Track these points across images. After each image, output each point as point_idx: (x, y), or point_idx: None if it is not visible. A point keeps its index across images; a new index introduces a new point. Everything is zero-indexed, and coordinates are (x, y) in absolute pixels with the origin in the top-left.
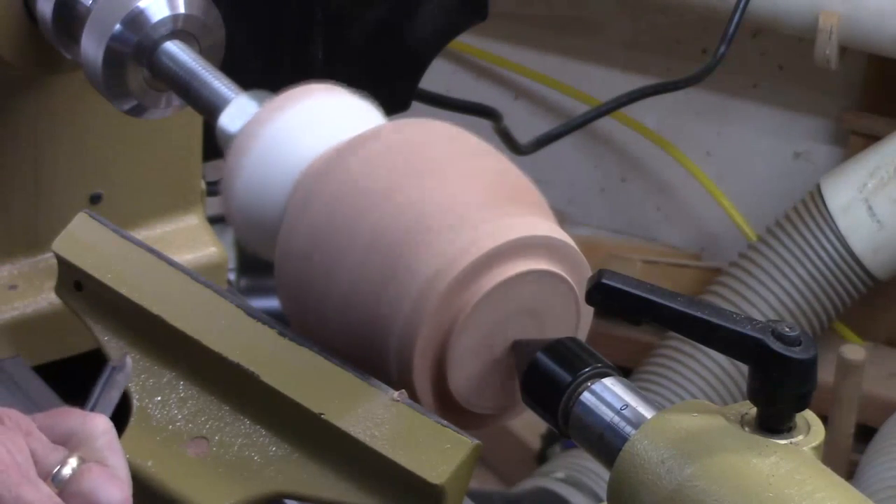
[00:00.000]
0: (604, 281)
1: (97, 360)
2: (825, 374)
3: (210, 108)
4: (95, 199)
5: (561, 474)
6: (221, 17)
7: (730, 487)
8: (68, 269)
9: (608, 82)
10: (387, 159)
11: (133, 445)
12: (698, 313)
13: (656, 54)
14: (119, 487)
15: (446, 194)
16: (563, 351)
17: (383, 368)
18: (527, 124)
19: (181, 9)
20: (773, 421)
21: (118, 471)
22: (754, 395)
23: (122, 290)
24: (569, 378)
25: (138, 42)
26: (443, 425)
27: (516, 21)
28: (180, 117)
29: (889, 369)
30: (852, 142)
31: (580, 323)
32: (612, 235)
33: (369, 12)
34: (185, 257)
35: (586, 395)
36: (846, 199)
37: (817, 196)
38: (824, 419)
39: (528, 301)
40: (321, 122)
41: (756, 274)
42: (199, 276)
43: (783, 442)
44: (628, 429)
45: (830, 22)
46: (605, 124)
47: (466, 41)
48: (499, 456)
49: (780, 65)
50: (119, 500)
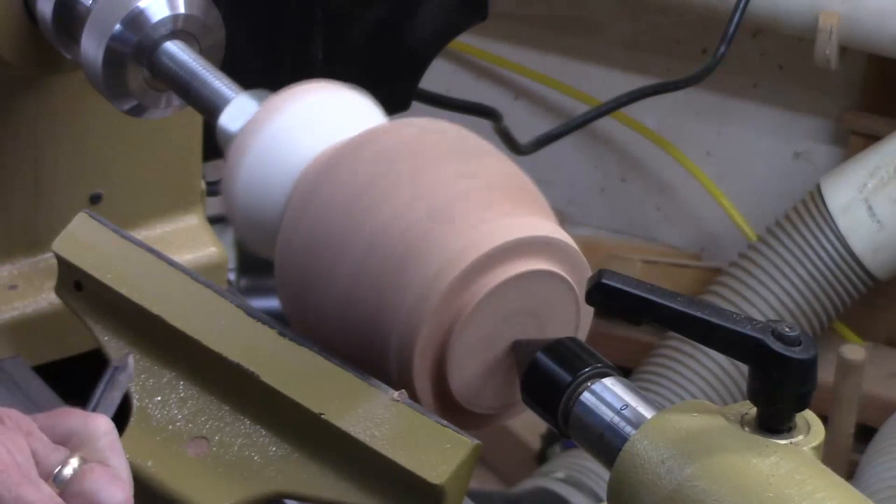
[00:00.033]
0: (604, 281)
1: (97, 360)
2: (825, 374)
3: (210, 107)
4: (95, 199)
5: (561, 474)
6: (221, 17)
7: (730, 487)
8: (68, 269)
9: (608, 82)
10: (387, 159)
11: (133, 445)
12: (698, 313)
13: (656, 54)
14: (120, 488)
15: (446, 194)
16: (563, 351)
17: (383, 368)
18: (527, 124)
19: (181, 9)
20: (773, 421)
21: (120, 471)
22: (754, 395)
23: (122, 290)
24: (569, 378)
25: (138, 42)
26: (443, 425)
27: (516, 21)
28: (180, 117)
29: (889, 369)
30: (852, 142)
31: (580, 323)
32: (612, 235)
33: (369, 12)
34: (185, 257)
35: (586, 395)
36: (846, 199)
37: (817, 196)
38: (824, 419)
39: (528, 301)
40: (322, 120)
41: (756, 274)
42: (199, 276)
43: (783, 442)
44: (628, 429)
45: (830, 22)
46: (605, 124)
47: (466, 41)
48: (499, 456)
49: (780, 65)
50: (120, 500)
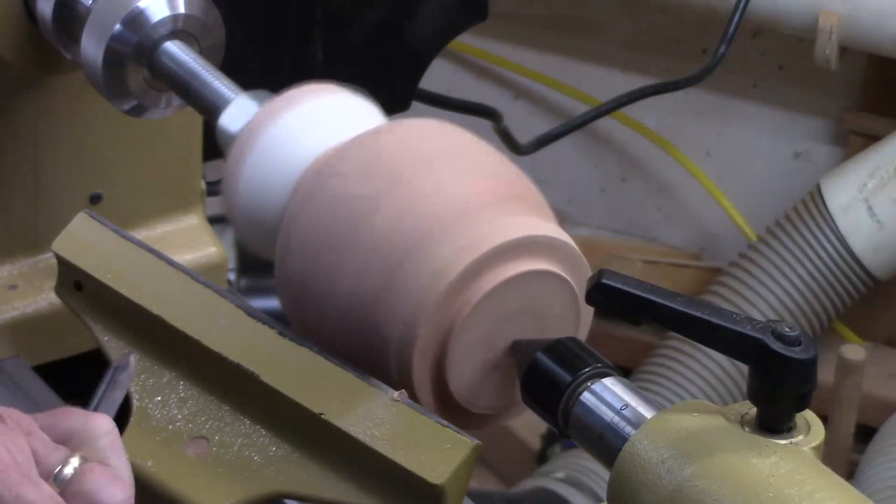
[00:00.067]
0: (604, 281)
1: (97, 360)
2: (825, 374)
3: (210, 108)
4: (95, 199)
5: (561, 474)
6: (221, 17)
7: (730, 487)
8: (68, 269)
9: (608, 82)
10: (387, 159)
11: (133, 445)
12: (698, 313)
13: (656, 54)
14: (121, 487)
15: (446, 194)
16: (563, 351)
17: (383, 368)
18: (527, 124)
19: (181, 9)
20: (773, 421)
21: (120, 471)
22: (754, 395)
23: (122, 290)
24: (569, 378)
25: (138, 42)
26: (443, 425)
27: (516, 21)
28: (180, 117)
29: (889, 369)
30: (852, 142)
31: (580, 323)
32: (612, 235)
33: (369, 12)
34: (185, 257)
35: (586, 395)
36: (846, 199)
37: (817, 196)
38: (824, 419)
39: (528, 301)
40: (322, 122)
41: (756, 274)
42: (199, 276)
43: (783, 442)
44: (628, 429)
45: (830, 22)
46: (605, 124)
47: (466, 41)
48: (499, 456)
49: (780, 65)
50: (121, 500)
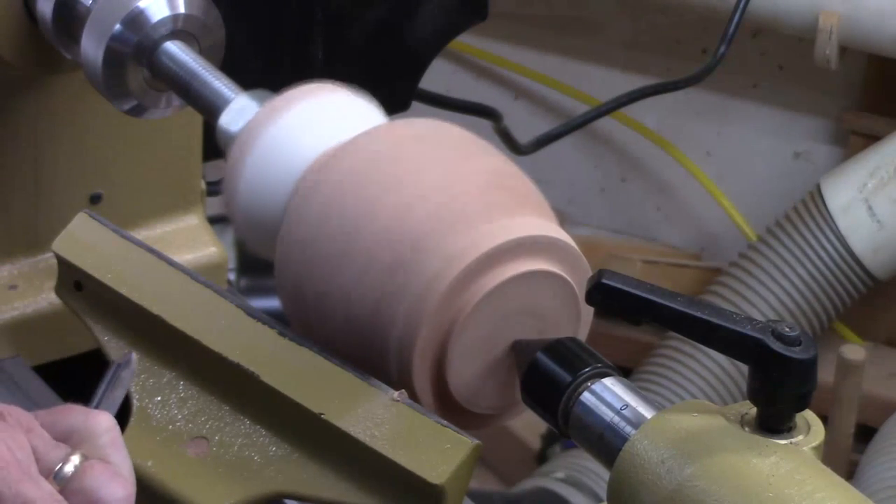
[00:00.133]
0: (604, 281)
1: (97, 360)
2: (825, 374)
3: (210, 108)
4: (95, 199)
5: (561, 474)
6: (221, 17)
7: (730, 487)
8: (68, 269)
9: (608, 82)
10: (387, 159)
11: (133, 445)
12: (698, 313)
13: (656, 54)
14: (122, 485)
15: (446, 194)
16: (563, 351)
17: (383, 368)
18: (527, 124)
19: (181, 9)
20: (773, 421)
21: (121, 468)
22: (754, 395)
23: (122, 290)
24: (569, 378)
25: (138, 42)
26: (443, 425)
27: (516, 21)
28: (180, 117)
29: (889, 369)
30: (852, 142)
31: (580, 323)
32: (612, 235)
33: (369, 12)
34: (185, 257)
35: (586, 395)
36: (846, 199)
37: (817, 196)
38: (824, 419)
39: (528, 301)
40: (322, 121)
41: (756, 274)
42: (199, 276)
43: (783, 442)
44: (628, 429)
45: (830, 22)
46: (605, 124)
47: (466, 41)
48: (499, 456)
49: (780, 65)
50: (121, 497)
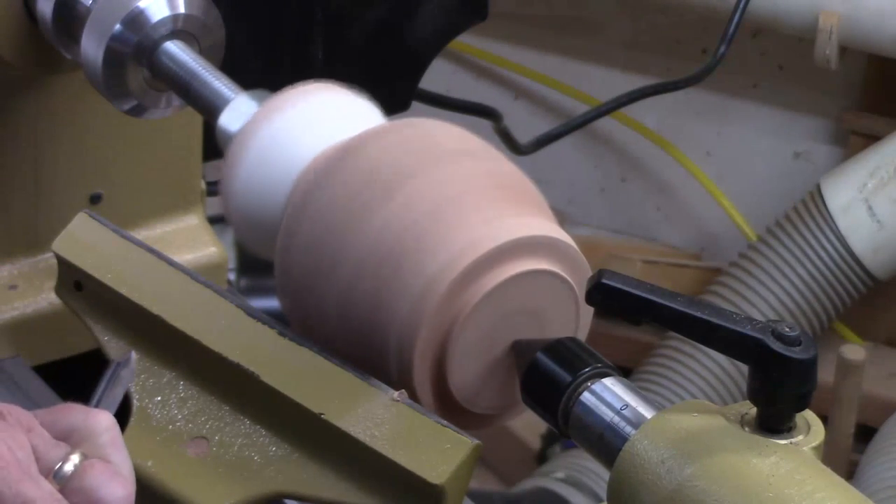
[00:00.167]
0: (604, 281)
1: (97, 360)
2: (825, 374)
3: (210, 108)
4: (95, 199)
5: (561, 474)
6: (221, 17)
7: (730, 487)
8: (68, 269)
9: (608, 82)
10: (387, 159)
11: (133, 445)
12: (698, 313)
13: (656, 54)
14: (122, 484)
15: (446, 194)
16: (563, 351)
17: (383, 368)
18: (527, 124)
19: (181, 9)
20: (773, 421)
21: (121, 467)
22: (754, 395)
23: (122, 290)
24: (569, 378)
25: (138, 42)
26: (443, 425)
27: (516, 21)
28: (180, 117)
29: (889, 369)
30: (852, 142)
31: (580, 323)
32: (612, 235)
33: (369, 12)
34: (185, 257)
35: (586, 395)
36: (846, 199)
37: (817, 196)
38: (824, 419)
39: (528, 301)
40: (321, 121)
41: (756, 274)
42: (199, 276)
43: (783, 442)
44: (628, 429)
45: (830, 22)
46: (605, 124)
47: (466, 41)
48: (499, 456)
49: (780, 65)
50: (121, 496)
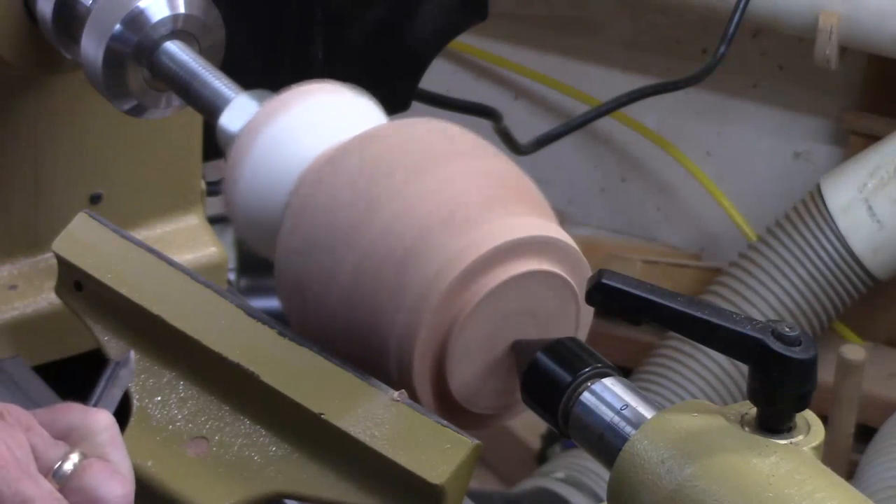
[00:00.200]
0: (604, 281)
1: (97, 360)
2: (825, 374)
3: (210, 108)
4: (95, 199)
5: (561, 474)
6: (221, 17)
7: (730, 487)
8: (68, 269)
9: (608, 82)
10: (387, 159)
11: (133, 445)
12: (698, 313)
13: (656, 54)
14: (121, 483)
15: (447, 194)
16: (563, 351)
17: (383, 368)
18: (527, 124)
19: (181, 9)
20: (773, 421)
21: (120, 466)
22: (754, 395)
23: (122, 290)
24: (569, 378)
25: (138, 42)
26: (443, 425)
27: (516, 21)
28: (180, 117)
29: (889, 369)
30: (852, 142)
31: (580, 323)
32: (612, 235)
33: (369, 12)
34: (185, 257)
35: (586, 395)
36: (846, 199)
37: (817, 196)
38: (824, 419)
39: (528, 301)
40: (322, 121)
41: (756, 274)
42: (199, 276)
43: (783, 442)
44: (628, 429)
45: (830, 22)
46: (605, 124)
47: (466, 41)
48: (499, 456)
49: (780, 65)
50: (121, 495)
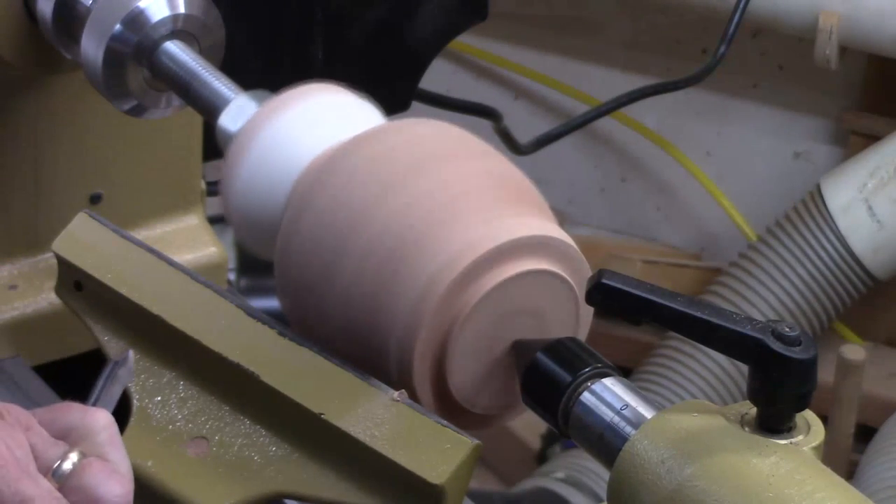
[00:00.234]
0: (604, 281)
1: (97, 360)
2: (825, 374)
3: (210, 108)
4: (95, 199)
5: (561, 474)
6: (221, 17)
7: (730, 487)
8: (68, 269)
9: (608, 82)
10: (386, 160)
11: (133, 445)
12: (698, 313)
13: (656, 54)
14: (120, 482)
15: (446, 195)
16: (563, 351)
17: (383, 368)
18: (527, 124)
19: (181, 9)
20: (773, 421)
21: (119, 465)
22: (754, 395)
23: (122, 290)
24: (569, 378)
25: (138, 42)
26: (443, 425)
27: (516, 21)
28: (180, 117)
29: (889, 369)
30: (852, 142)
31: (580, 323)
32: (612, 235)
33: (369, 12)
34: (185, 257)
35: (586, 395)
36: (846, 199)
37: (817, 196)
38: (824, 419)
39: (528, 301)
40: (321, 122)
41: (756, 274)
42: (199, 276)
43: (783, 442)
44: (628, 429)
45: (830, 22)
46: (605, 124)
47: (466, 41)
48: (499, 456)
49: (780, 65)
50: (120, 494)
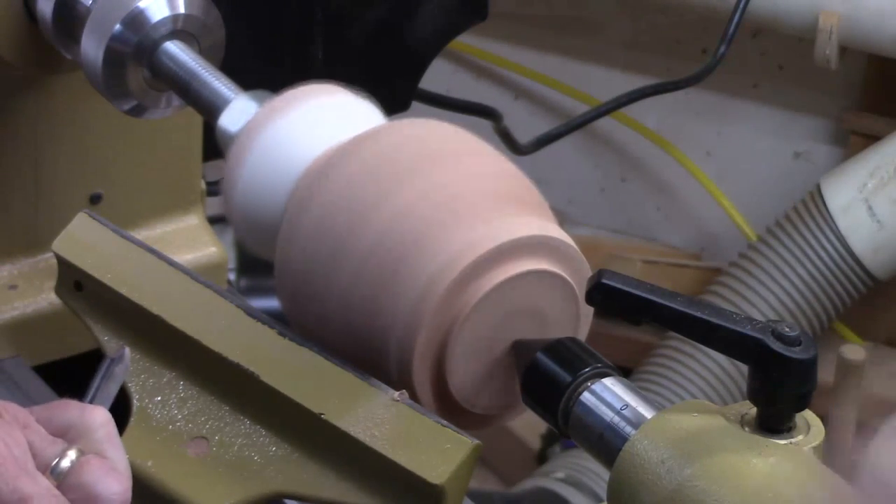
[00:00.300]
0: (604, 281)
1: (97, 360)
2: (825, 374)
3: (210, 108)
4: (95, 199)
5: (561, 474)
6: (221, 17)
7: (730, 487)
8: (68, 269)
9: (608, 82)
10: (387, 160)
11: (133, 445)
12: (698, 313)
13: (656, 54)
14: (118, 480)
15: (446, 195)
16: (563, 351)
17: (383, 368)
18: (527, 124)
19: (181, 9)
20: (773, 421)
21: (117, 463)
22: (754, 395)
23: (122, 290)
24: (569, 378)
25: (138, 42)
26: (443, 425)
27: (516, 21)
28: (180, 117)
29: (889, 369)
30: (852, 142)
31: (580, 323)
32: (612, 235)
33: (369, 12)
34: (185, 257)
35: (586, 395)
36: (846, 199)
37: (817, 196)
38: (824, 419)
39: (528, 301)
40: (322, 122)
41: (756, 274)
42: (199, 276)
43: (783, 442)
44: (628, 429)
45: (830, 22)
46: (605, 124)
47: (466, 41)
48: (499, 456)
49: (780, 65)
50: (118, 491)
